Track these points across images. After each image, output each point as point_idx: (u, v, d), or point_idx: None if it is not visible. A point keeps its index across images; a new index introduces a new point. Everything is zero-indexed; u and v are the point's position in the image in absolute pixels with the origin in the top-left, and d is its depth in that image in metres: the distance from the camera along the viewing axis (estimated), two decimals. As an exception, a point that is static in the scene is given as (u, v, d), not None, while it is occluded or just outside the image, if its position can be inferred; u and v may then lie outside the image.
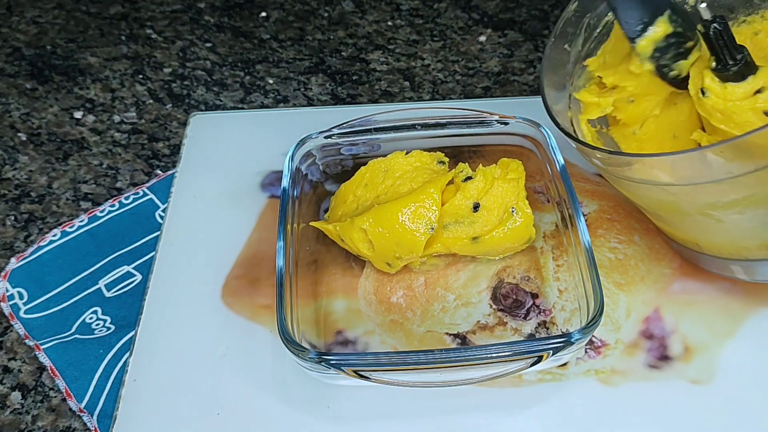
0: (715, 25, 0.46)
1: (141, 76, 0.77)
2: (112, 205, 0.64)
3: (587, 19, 0.53)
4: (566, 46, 0.53)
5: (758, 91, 0.46)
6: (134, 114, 0.73)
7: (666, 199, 0.46)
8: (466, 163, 0.55)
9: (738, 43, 0.47)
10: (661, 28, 0.48)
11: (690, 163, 0.42)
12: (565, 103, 0.53)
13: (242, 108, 0.73)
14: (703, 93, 0.47)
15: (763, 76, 0.46)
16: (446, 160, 0.57)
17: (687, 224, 0.49)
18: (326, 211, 0.58)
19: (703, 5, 0.46)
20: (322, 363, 0.45)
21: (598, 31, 0.54)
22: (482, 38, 0.77)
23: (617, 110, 0.52)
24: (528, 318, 0.52)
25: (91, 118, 0.73)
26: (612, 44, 0.52)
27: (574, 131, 0.51)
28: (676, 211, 0.47)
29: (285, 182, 0.55)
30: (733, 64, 0.46)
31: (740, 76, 0.46)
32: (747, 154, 0.40)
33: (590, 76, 0.54)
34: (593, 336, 0.51)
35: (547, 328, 0.52)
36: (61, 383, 0.53)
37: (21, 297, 0.57)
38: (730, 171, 0.41)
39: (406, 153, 0.57)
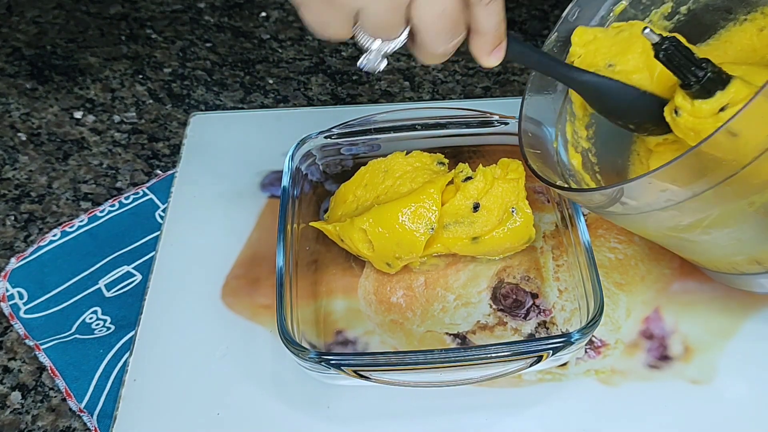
0: (664, 47, 0.43)
1: (141, 76, 0.77)
2: (112, 205, 0.64)
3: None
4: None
5: (722, 109, 0.44)
6: (134, 114, 0.73)
7: (633, 225, 0.46)
8: (466, 164, 0.55)
9: (742, 44, 0.46)
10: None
11: (621, 193, 0.41)
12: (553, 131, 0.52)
13: (242, 108, 0.73)
14: (676, 112, 0.45)
15: (732, 91, 0.43)
16: (446, 161, 0.57)
17: (670, 244, 0.48)
18: (326, 211, 0.58)
19: (647, 30, 0.43)
20: (322, 363, 0.45)
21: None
22: (482, 38, 0.77)
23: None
24: (528, 318, 0.52)
25: (91, 118, 0.73)
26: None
27: (559, 157, 0.51)
28: (649, 234, 0.47)
29: (285, 182, 0.55)
30: (696, 81, 0.43)
31: (706, 92, 0.44)
32: (677, 181, 0.38)
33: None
34: (593, 336, 0.51)
35: (547, 328, 0.52)
36: (61, 383, 0.53)
37: (21, 297, 0.57)
38: (669, 199, 0.40)
39: (406, 153, 0.56)
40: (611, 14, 0.52)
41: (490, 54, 0.44)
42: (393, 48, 0.42)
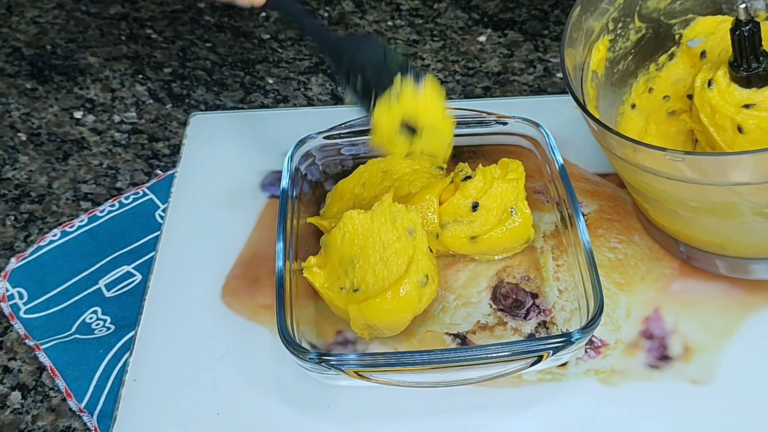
0: (746, 28, 0.45)
1: (141, 76, 0.77)
2: (112, 205, 0.64)
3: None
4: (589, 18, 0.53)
5: (746, 106, 0.46)
6: (134, 114, 0.73)
7: (726, 200, 0.45)
8: (466, 163, 0.55)
9: None
10: None
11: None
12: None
13: (242, 108, 0.73)
14: (709, 84, 0.47)
15: (766, 95, 0.45)
16: (444, 166, 0.57)
17: (728, 227, 0.48)
18: (326, 210, 0.58)
19: (743, 6, 0.46)
20: (322, 363, 0.45)
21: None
22: (482, 38, 0.77)
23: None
24: (528, 318, 0.52)
25: (91, 118, 0.73)
26: None
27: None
28: (727, 213, 0.46)
29: (284, 182, 0.55)
30: (745, 69, 0.46)
31: (746, 82, 0.46)
32: None
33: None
34: (593, 336, 0.51)
35: (547, 328, 0.52)
36: (61, 383, 0.53)
37: (21, 297, 0.57)
38: None
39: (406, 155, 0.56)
40: None
41: None
42: None
